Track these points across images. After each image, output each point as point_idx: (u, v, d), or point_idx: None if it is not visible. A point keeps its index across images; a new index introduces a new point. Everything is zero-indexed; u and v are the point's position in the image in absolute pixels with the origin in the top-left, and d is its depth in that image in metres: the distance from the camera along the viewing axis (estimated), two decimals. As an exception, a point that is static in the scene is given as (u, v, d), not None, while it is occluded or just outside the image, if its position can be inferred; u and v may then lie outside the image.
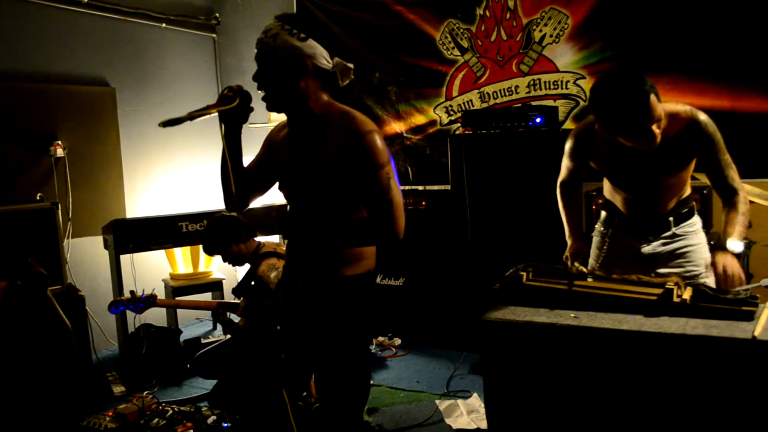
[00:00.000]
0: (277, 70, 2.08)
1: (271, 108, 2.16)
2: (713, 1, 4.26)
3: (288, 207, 2.36)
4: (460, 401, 3.80)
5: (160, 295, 5.07)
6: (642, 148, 2.38)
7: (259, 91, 2.14)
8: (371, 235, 2.14)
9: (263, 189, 2.38)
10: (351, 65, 2.21)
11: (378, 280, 5.04)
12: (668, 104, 2.44)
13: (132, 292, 3.93)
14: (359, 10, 5.54)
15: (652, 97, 2.25)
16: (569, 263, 2.84)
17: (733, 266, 2.28)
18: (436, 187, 5.03)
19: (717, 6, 4.25)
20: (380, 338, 4.98)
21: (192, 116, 2.00)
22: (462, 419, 3.59)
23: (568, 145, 2.74)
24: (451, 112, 5.27)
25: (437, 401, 3.86)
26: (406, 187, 5.19)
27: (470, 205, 4.48)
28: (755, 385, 1.80)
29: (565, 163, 2.83)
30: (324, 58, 2.11)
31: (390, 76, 5.51)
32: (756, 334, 1.81)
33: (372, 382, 4.23)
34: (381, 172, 2.05)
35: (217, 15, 6.39)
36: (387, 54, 5.48)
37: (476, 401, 3.80)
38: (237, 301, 3.79)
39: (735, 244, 2.33)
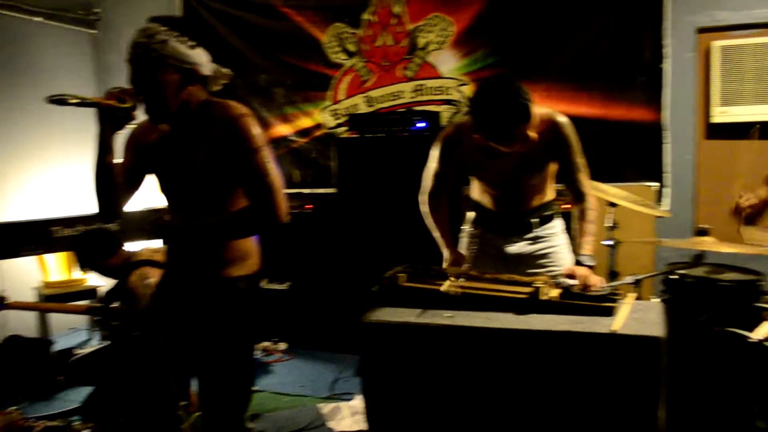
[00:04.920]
0: (164, 79, 2.01)
1: (157, 120, 2.09)
2: (588, 17, 4.52)
3: (169, 210, 2.29)
4: (343, 404, 3.80)
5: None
6: (516, 150, 2.45)
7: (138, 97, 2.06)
8: (255, 222, 2.10)
9: (133, 192, 2.31)
10: (229, 72, 2.18)
11: (264, 284, 4.97)
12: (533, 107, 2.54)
13: None
14: (246, 11, 5.45)
15: (531, 104, 2.32)
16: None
17: (593, 277, 2.32)
18: (322, 191, 5.03)
19: (590, 22, 4.52)
20: (265, 343, 4.90)
21: (80, 102, 1.90)
22: (345, 422, 3.59)
23: (436, 150, 2.76)
24: (338, 116, 5.28)
25: (320, 405, 3.84)
26: (293, 191, 5.15)
27: (356, 207, 4.50)
28: (614, 375, 1.90)
29: (433, 169, 2.81)
30: (208, 66, 2.09)
31: (276, 78, 5.45)
32: (614, 328, 1.91)
33: (256, 388, 4.17)
34: (258, 156, 2.04)
35: (98, 10, 6.11)
36: (273, 56, 5.42)
37: (360, 403, 3.80)
38: (111, 305, 3.64)
39: (587, 259, 2.41)
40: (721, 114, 4.30)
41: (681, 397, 2.61)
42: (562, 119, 2.55)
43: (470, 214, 2.91)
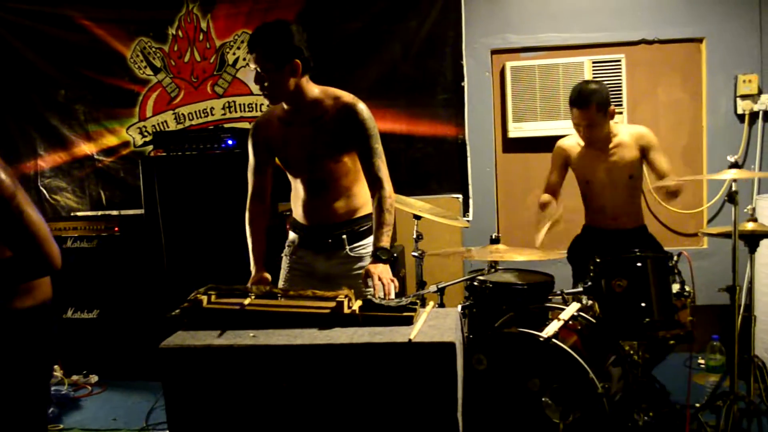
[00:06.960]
0: None
1: None
2: (391, 37, 4.75)
3: None
4: (159, 434, 3.66)
5: None
6: (268, 93, 2.60)
7: None
8: (25, 274, 1.95)
9: None
10: None
11: (69, 313, 4.67)
12: (337, 90, 2.72)
13: None
14: (41, 22, 5.08)
15: (284, 41, 2.54)
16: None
17: (387, 276, 2.47)
18: (130, 212, 4.80)
19: (394, 43, 4.75)
20: (74, 377, 4.59)
21: None
22: (159, 453, 3.45)
23: (249, 141, 2.84)
24: (146, 133, 5.08)
25: (134, 437, 3.67)
26: (99, 213, 4.90)
27: (165, 229, 4.34)
28: (414, 381, 1.98)
29: (251, 163, 2.85)
30: None
31: (77, 93, 5.13)
32: (411, 337, 1.99)
33: (61, 426, 3.91)
34: (11, 206, 1.84)
35: None
36: (73, 70, 5.10)
37: (176, 432, 3.67)
38: None
39: (383, 252, 2.54)
40: (516, 129, 4.64)
41: (482, 398, 2.75)
42: (361, 105, 2.66)
43: (291, 235, 2.91)
